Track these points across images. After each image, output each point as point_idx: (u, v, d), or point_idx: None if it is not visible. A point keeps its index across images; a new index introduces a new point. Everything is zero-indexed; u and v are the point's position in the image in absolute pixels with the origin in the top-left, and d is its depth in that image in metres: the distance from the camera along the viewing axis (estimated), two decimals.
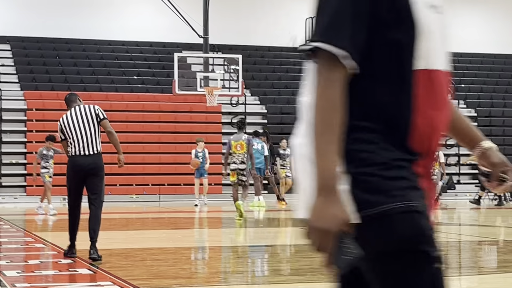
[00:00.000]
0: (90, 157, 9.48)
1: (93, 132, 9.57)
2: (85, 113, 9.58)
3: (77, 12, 31.08)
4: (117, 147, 9.89)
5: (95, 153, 9.53)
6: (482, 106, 31.31)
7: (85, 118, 9.56)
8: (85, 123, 9.53)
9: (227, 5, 32.22)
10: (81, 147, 9.45)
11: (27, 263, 9.55)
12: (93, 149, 9.52)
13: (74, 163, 9.46)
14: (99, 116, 9.62)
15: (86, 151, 9.48)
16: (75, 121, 9.52)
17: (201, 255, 10.95)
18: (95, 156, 9.53)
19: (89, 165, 9.44)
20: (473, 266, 9.63)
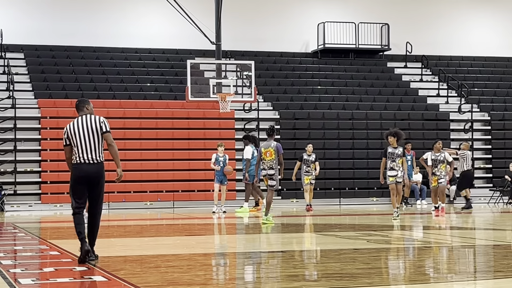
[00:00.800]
0: (94, 166, 10.03)
1: (97, 142, 10.07)
2: (91, 124, 10.07)
3: (90, 20, 31.20)
4: (117, 160, 10.30)
5: (98, 162, 10.07)
6: (496, 109, 31.20)
7: (90, 129, 10.05)
8: (89, 133, 10.03)
9: (240, 11, 32.28)
10: (86, 156, 9.99)
11: (42, 271, 9.59)
12: (97, 158, 10.05)
13: (79, 170, 9.98)
14: (103, 128, 10.10)
15: (91, 160, 10.02)
16: (81, 130, 10.02)
17: (215, 262, 10.96)
18: (98, 165, 10.07)
19: (92, 173, 10.00)
20: (488, 271, 9.60)
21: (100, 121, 10.14)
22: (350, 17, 33.48)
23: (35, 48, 30.44)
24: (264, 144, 17.59)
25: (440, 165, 20.31)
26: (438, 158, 20.34)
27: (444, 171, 20.35)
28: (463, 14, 35.49)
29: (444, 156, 20.32)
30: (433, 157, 20.41)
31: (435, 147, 20.43)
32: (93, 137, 10.06)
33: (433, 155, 20.43)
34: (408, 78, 33.19)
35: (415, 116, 30.06)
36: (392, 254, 11.54)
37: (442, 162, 20.33)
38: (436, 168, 20.31)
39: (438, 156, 20.36)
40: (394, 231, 15.68)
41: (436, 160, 20.35)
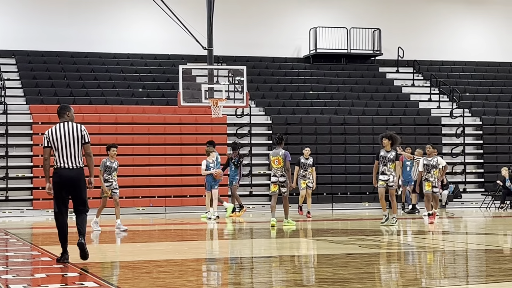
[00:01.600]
0: (74, 170, 10.55)
1: (77, 149, 10.59)
2: (73, 131, 10.62)
3: (82, 26, 31.18)
4: (91, 170, 10.83)
5: (78, 167, 10.58)
6: (487, 114, 31.28)
7: (71, 136, 10.59)
8: (71, 140, 10.57)
9: (231, 17, 32.30)
10: (66, 161, 10.53)
11: (34, 277, 9.56)
12: (77, 163, 10.58)
13: (60, 175, 10.53)
14: (84, 138, 10.65)
15: (71, 165, 10.54)
16: (62, 137, 10.57)
17: (207, 267, 10.94)
18: (78, 170, 10.58)
19: (73, 177, 10.53)
20: (480, 275, 9.62)
21: (82, 130, 10.66)
22: (342, 22, 33.54)
23: (27, 53, 30.41)
24: (272, 152, 18.54)
25: (433, 170, 19.64)
26: (430, 163, 19.72)
27: (437, 176, 19.74)
28: (455, 20, 35.58)
29: (437, 161, 19.75)
30: (425, 162, 19.78)
31: (427, 151, 19.98)
32: (74, 144, 10.56)
33: (426, 160, 19.85)
34: (399, 83, 33.25)
35: (407, 121, 30.10)
36: (384, 259, 11.55)
37: (434, 167, 19.67)
38: (429, 174, 19.64)
39: (431, 161, 19.74)
40: (386, 236, 15.69)
41: (428, 165, 19.71)
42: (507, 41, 35.79)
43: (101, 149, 26.43)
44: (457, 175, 29.81)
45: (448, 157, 29.90)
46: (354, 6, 34.35)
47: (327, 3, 34.19)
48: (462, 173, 29.86)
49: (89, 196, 23.77)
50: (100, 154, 26.34)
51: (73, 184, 10.55)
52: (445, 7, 35.41)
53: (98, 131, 26.80)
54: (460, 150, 30.16)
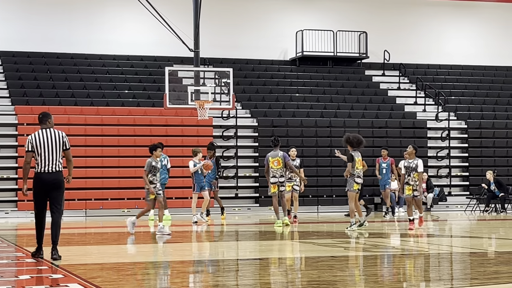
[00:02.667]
0: (53, 174, 11.23)
1: (58, 154, 11.27)
2: (55, 138, 11.27)
3: (68, 27, 31.11)
4: (70, 171, 11.49)
5: (57, 171, 11.26)
6: (473, 118, 31.40)
7: (53, 142, 11.24)
8: (52, 146, 11.22)
9: (218, 19, 32.30)
10: (46, 166, 11.20)
11: (18, 278, 9.53)
12: (56, 167, 11.25)
13: (40, 178, 11.21)
14: (65, 145, 11.34)
15: (51, 169, 11.22)
16: (45, 143, 11.21)
17: (192, 269, 10.93)
18: (57, 173, 11.27)
19: (52, 180, 11.22)
20: (465, 278, 9.65)
21: (63, 137, 11.34)
22: (328, 25, 33.60)
23: (12, 54, 30.29)
24: (271, 154, 19.10)
25: (413, 173, 18.01)
26: (410, 165, 18.12)
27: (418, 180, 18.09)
28: (441, 23, 35.71)
29: (417, 163, 18.13)
30: (406, 164, 18.27)
31: (407, 152, 18.27)
32: (55, 150, 11.24)
33: (406, 162, 18.32)
34: (385, 86, 33.33)
35: (393, 124, 30.18)
36: (369, 262, 11.57)
37: (414, 170, 18.03)
38: (410, 177, 18.08)
39: (411, 163, 18.13)
40: (372, 238, 15.71)
41: (409, 168, 18.16)
42: (493, 45, 35.95)
43: (86, 151, 26.44)
44: (442, 178, 29.90)
45: (433, 160, 30.01)
46: (341, 9, 34.42)
47: (314, 6, 34.24)
48: (447, 176, 29.95)
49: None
50: (86, 155, 26.34)
51: (53, 187, 11.24)
52: (431, 11, 35.53)
53: (84, 133, 26.75)
54: (445, 154, 30.25)
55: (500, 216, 25.31)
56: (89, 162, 26.24)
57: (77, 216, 25.17)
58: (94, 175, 26.12)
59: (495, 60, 35.66)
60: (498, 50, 35.85)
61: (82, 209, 25.53)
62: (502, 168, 29.67)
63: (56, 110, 27.10)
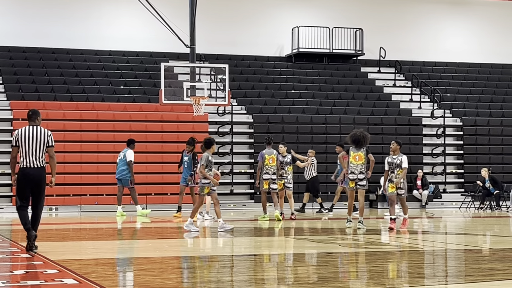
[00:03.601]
0: (37, 169, 11.69)
1: (41, 151, 11.72)
2: (39, 135, 11.73)
3: (63, 22, 31.06)
4: (53, 171, 11.96)
5: (41, 167, 11.72)
6: (468, 115, 31.43)
7: (38, 139, 11.71)
8: (36, 143, 11.69)
9: (214, 14, 32.27)
10: (31, 161, 11.66)
11: (13, 273, 9.52)
12: (40, 163, 11.71)
13: (25, 173, 11.69)
14: (49, 142, 11.77)
15: (35, 165, 11.67)
16: (30, 139, 11.70)
17: (187, 265, 10.93)
18: (41, 169, 11.71)
19: (36, 175, 11.68)
20: (459, 275, 9.66)
21: (48, 135, 11.79)
22: (324, 22, 33.59)
23: (8, 49, 30.24)
24: (266, 151, 19.98)
25: (397, 170, 16.84)
26: (394, 161, 16.90)
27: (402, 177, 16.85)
28: (437, 21, 35.72)
29: (401, 160, 16.85)
30: (390, 160, 16.99)
31: (391, 148, 16.99)
32: (39, 146, 11.69)
33: (390, 158, 17.02)
34: (381, 83, 33.35)
35: (388, 121, 30.20)
36: (364, 258, 11.58)
37: (399, 166, 16.84)
38: (393, 174, 16.89)
39: (395, 159, 16.91)
40: (366, 235, 15.73)
41: (392, 164, 16.92)
42: (488, 43, 35.98)
43: (82, 146, 26.42)
44: (437, 175, 29.93)
45: (428, 157, 30.04)
46: (337, 6, 34.41)
47: (310, 2, 34.24)
48: (442, 173, 29.99)
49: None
50: (81, 151, 26.33)
51: (36, 182, 11.68)
52: (427, 8, 35.55)
53: (79, 128, 26.74)
54: (440, 151, 30.28)
55: (495, 213, 25.35)
56: (84, 158, 26.23)
57: (72, 211, 25.15)
58: (89, 171, 26.11)
59: (490, 57, 35.69)
60: (493, 48, 35.87)
61: (77, 205, 25.52)
62: (497, 166, 29.73)
63: (51, 105, 27.09)
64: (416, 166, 29.35)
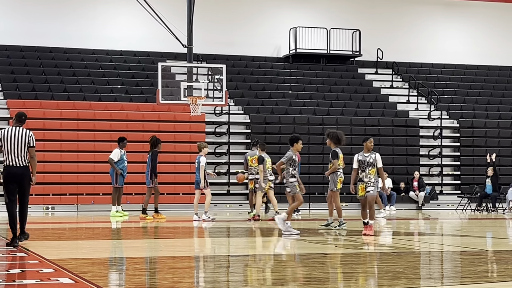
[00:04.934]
0: (21, 168, 12.44)
1: (23, 151, 12.45)
2: (21, 136, 12.47)
3: (61, 21, 31.04)
4: (34, 170, 12.64)
5: (25, 165, 12.48)
6: (465, 117, 31.46)
7: (19, 139, 12.45)
8: (18, 143, 12.44)
9: (211, 14, 32.27)
10: (14, 160, 12.42)
11: (8, 272, 9.51)
12: (23, 162, 12.45)
13: (9, 172, 12.45)
14: (30, 143, 12.50)
15: (18, 164, 12.43)
16: (13, 139, 12.44)
17: (183, 265, 10.92)
18: (24, 168, 12.48)
19: (19, 174, 12.45)
20: (455, 277, 9.67)
21: (29, 135, 12.52)
22: (322, 23, 33.61)
23: (5, 48, 30.22)
24: (249, 153, 21.07)
25: (369, 169, 15.36)
26: (367, 159, 15.44)
27: (374, 177, 15.35)
28: (434, 22, 35.74)
29: (375, 158, 15.44)
30: (361, 158, 15.50)
31: (365, 145, 15.54)
32: (21, 146, 12.43)
33: (361, 155, 15.54)
34: (378, 84, 33.36)
35: (385, 122, 30.22)
36: (360, 259, 11.58)
37: (371, 165, 15.37)
38: (364, 173, 15.37)
39: (368, 157, 15.47)
40: (363, 236, 15.72)
41: (364, 162, 15.43)
42: (486, 45, 36.01)
43: (78, 145, 26.40)
44: (433, 177, 29.96)
45: (425, 159, 30.06)
46: (334, 7, 34.43)
47: (308, 3, 34.24)
48: (438, 175, 30.01)
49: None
50: (78, 150, 26.30)
51: (19, 179, 12.45)
52: (425, 10, 35.57)
53: (76, 127, 26.72)
54: (437, 152, 30.30)
55: (491, 215, 25.36)
56: (81, 157, 26.21)
57: (69, 210, 25.14)
58: (86, 170, 26.08)
59: (487, 59, 35.72)
60: (491, 50, 35.90)
61: (74, 204, 25.50)
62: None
63: (48, 104, 27.07)
64: (413, 167, 29.40)
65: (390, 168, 28.81)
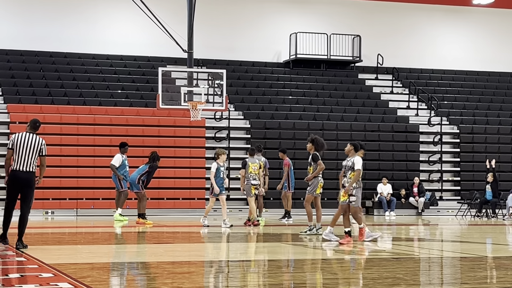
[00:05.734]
0: (26, 173, 12.70)
1: (33, 157, 12.72)
2: (34, 143, 12.75)
3: (61, 26, 31.06)
4: (41, 175, 12.99)
5: (30, 171, 12.71)
6: (465, 123, 31.46)
7: (32, 146, 12.71)
8: (30, 149, 12.69)
9: (212, 20, 32.29)
10: (22, 165, 12.67)
11: (8, 277, 9.50)
12: (30, 168, 12.70)
13: (15, 175, 12.75)
14: (42, 151, 12.82)
15: (25, 169, 12.68)
16: (24, 145, 12.69)
17: (182, 270, 10.91)
18: (30, 173, 12.72)
19: (25, 179, 12.70)
20: (455, 283, 9.66)
21: (42, 144, 12.81)
22: (322, 28, 33.62)
23: (6, 52, 30.23)
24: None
25: (349, 173, 14.97)
26: (348, 163, 15.09)
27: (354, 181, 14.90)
28: (434, 28, 35.76)
29: (353, 161, 14.97)
30: (344, 163, 15.35)
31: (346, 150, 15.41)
32: (32, 153, 12.69)
33: (345, 160, 15.40)
34: (378, 90, 33.37)
35: (385, 127, 30.22)
36: (360, 265, 11.57)
37: (351, 169, 14.95)
38: (345, 178, 15.07)
39: (349, 161, 15.12)
40: (362, 242, 15.70)
41: (345, 166, 15.16)
42: (486, 51, 36.03)
43: (78, 150, 26.39)
44: (433, 182, 29.95)
45: (425, 165, 30.06)
46: (335, 13, 34.45)
47: (308, 8, 34.27)
48: (438, 180, 30.01)
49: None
50: (78, 155, 26.29)
51: (24, 184, 12.71)
52: (425, 16, 35.59)
53: (76, 132, 26.72)
54: (437, 158, 30.30)
55: (491, 221, 25.35)
56: (81, 162, 26.21)
57: (68, 215, 25.13)
58: (86, 175, 26.08)
59: (487, 65, 35.74)
60: (491, 56, 35.92)
61: (73, 209, 25.50)
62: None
63: (48, 109, 27.08)
64: (413, 173, 29.40)
65: (390, 174, 28.82)
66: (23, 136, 12.79)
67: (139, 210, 21.35)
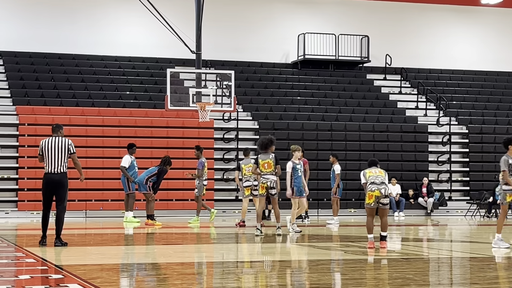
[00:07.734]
0: (58, 175, 13.61)
1: (63, 158, 13.59)
2: (61, 145, 13.61)
3: (70, 28, 31.12)
4: (80, 172, 14.02)
5: (62, 172, 13.64)
6: (474, 123, 31.40)
7: (59, 148, 13.59)
8: (58, 151, 13.58)
9: (220, 21, 32.30)
10: (53, 168, 13.57)
11: (18, 278, 9.52)
12: (61, 169, 13.62)
13: (48, 178, 13.62)
14: (70, 150, 13.68)
15: (56, 171, 13.59)
16: (52, 148, 13.57)
17: (192, 271, 10.92)
18: (62, 174, 13.64)
19: (57, 180, 13.62)
20: (465, 283, 9.64)
21: (68, 144, 13.66)
22: (330, 29, 33.60)
23: (14, 54, 30.30)
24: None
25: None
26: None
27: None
28: (443, 28, 35.71)
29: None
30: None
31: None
32: (60, 155, 13.56)
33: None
34: (387, 90, 33.33)
35: (394, 128, 30.17)
36: (369, 265, 11.56)
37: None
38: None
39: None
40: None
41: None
42: (495, 50, 35.95)
43: (87, 151, 26.43)
44: (442, 183, 29.89)
45: (434, 165, 30.00)
46: (343, 13, 34.43)
47: (316, 9, 34.26)
48: (447, 181, 29.94)
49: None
50: (87, 156, 26.33)
51: (57, 185, 13.57)
52: (434, 16, 35.54)
53: (85, 133, 26.75)
54: (446, 158, 30.24)
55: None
56: (90, 163, 26.22)
57: (77, 216, 25.16)
58: (95, 176, 26.11)
59: (496, 65, 35.66)
60: (500, 56, 35.85)
61: (82, 210, 25.54)
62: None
63: (57, 110, 27.13)
64: (422, 173, 29.35)
65: (399, 174, 28.77)
66: (49, 140, 13.64)
67: (148, 211, 21.42)
